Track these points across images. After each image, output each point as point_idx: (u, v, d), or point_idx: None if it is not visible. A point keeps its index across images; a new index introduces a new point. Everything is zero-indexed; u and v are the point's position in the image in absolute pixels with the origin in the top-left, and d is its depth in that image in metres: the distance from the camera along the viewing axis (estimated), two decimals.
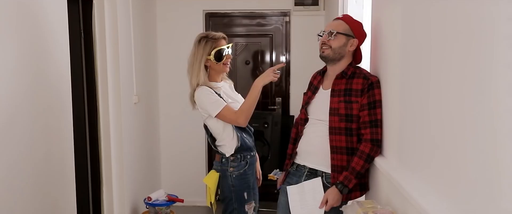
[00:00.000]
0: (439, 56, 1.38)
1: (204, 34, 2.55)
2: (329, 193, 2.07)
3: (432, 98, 1.45)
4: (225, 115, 2.44)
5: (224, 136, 2.51)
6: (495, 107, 1.03)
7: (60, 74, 2.50)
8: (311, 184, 2.17)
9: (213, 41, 2.49)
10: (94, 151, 3.32)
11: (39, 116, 2.27)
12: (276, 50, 4.62)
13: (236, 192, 2.52)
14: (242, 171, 2.53)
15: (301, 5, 4.40)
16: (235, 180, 2.52)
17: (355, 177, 2.06)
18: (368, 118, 2.07)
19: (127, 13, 3.54)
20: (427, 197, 1.43)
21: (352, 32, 2.16)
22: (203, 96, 2.45)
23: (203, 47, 2.48)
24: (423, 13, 1.55)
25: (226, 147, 2.51)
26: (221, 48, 2.49)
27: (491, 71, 1.05)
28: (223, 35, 2.56)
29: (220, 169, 2.54)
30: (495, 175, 1.04)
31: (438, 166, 1.40)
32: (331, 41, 2.15)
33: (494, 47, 1.03)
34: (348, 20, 2.20)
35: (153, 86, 4.39)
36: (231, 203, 2.53)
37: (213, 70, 2.54)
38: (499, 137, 1.01)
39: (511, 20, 0.95)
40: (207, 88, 2.46)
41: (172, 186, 4.54)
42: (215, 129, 2.52)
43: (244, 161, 2.54)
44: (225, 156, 2.51)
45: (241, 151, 2.52)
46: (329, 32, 2.16)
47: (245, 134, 2.56)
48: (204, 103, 2.46)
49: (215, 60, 2.48)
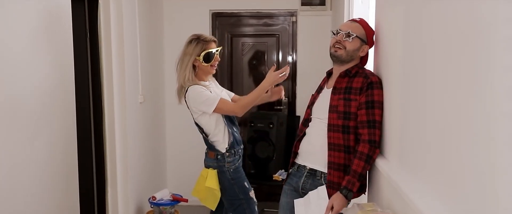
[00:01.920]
0: (438, 58, 1.36)
1: (196, 36, 2.65)
2: (334, 199, 2.02)
3: (430, 100, 1.43)
4: (222, 107, 2.55)
5: (216, 132, 2.61)
6: (493, 110, 1.01)
7: (63, 74, 2.51)
8: (316, 193, 2.14)
9: (204, 43, 2.60)
10: (99, 150, 3.33)
11: (42, 116, 2.28)
12: (282, 50, 4.60)
13: (237, 184, 2.64)
14: (237, 164, 2.67)
15: (308, 5, 4.38)
16: (233, 174, 2.64)
17: (358, 180, 2.03)
18: (365, 117, 2.04)
19: (133, 13, 3.55)
20: (427, 202, 1.41)
21: (366, 38, 2.16)
22: (196, 94, 2.54)
23: (193, 47, 2.59)
24: (423, 15, 1.53)
25: (220, 143, 2.61)
26: (210, 51, 2.60)
27: (489, 74, 1.03)
28: (214, 38, 2.68)
29: (216, 165, 2.64)
30: (490, 180, 1.02)
31: (436, 169, 1.38)
32: (347, 43, 2.13)
33: (492, 50, 1.01)
34: (365, 25, 2.18)
35: (159, 86, 4.40)
36: (236, 196, 2.64)
37: (201, 70, 2.65)
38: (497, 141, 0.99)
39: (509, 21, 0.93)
40: (198, 86, 2.57)
41: (177, 186, 4.54)
42: (208, 126, 2.61)
43: (237, 155, 2.68)
44: (220, 153, 2.60)
45: (235, 146, 2.63)
46: (347, 33, 2.13)
47: (235, 129, 2.69)
48: (197, 102, 2.55)
49: (204, 62, 2.59)
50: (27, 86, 2.14)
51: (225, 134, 2.62)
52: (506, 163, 0.95)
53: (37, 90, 2.23)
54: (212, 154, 2.65)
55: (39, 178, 2.25)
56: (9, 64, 2.00)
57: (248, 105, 2.59)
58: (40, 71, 2.26)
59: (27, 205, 2.15)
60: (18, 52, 2.08)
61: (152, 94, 4.12)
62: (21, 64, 2.10)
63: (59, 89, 2.45)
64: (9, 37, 2.02)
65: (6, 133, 1.99)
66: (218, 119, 2.61)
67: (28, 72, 2.15)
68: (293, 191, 2.29)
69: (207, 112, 2.55)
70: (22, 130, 2.11)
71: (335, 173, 2.10)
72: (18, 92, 2.08)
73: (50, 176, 2.36)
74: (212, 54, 2.62)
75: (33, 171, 2.20)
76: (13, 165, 2.03)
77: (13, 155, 2.03)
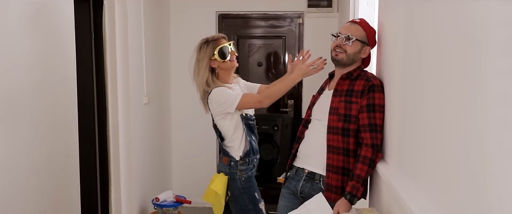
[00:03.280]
0: (433, 63, 1.33)
1: (204, 40, 2.57)
2: (339, 205, 1.99)
3: (427, 105, 1.41)
4: (246, 101, 2.45)
5: (233, 137, 2.51)
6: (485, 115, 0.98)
7: (65, 74, 2.52)
8: (314, 201, 2.08)
9: (214, 42, 2.52)
10: (102, 151, 3.34)
11: (42, 115, 2.28)
12: (289, 51, 4.57)
13: (247, 194, 2.54)
14: (250, 174, 2.56)
15: (314, 7, 4.35)
16: (244, 183, 2.53)
17: (362, 185, 2.00)
18: (367, 121, 2.01)
19: (138, 14, 3.56)
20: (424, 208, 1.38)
21: (367, 39, 2.12)
22: (218, 95, 2.45)
23: (205, 50, 2.52)
24: (423, 17, 1.50)
25: (235, 149, 2.52)
26: (223, 45, 2.51)
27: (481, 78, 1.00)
28: (222, 35, 2.60)
29: (228, 172, 2.54)
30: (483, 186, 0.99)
31: (432, 175, 1.35)
32: (347, 46, 2.11)
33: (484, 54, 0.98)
34: (365, 26, 2.15)
35: (165, 87, 4.40)
36: (246, 206, 2.54)
37: (222, 70, 2.55)
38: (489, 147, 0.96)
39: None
40: (221, 87, 2.48)
41: (183, 187, 4.54)
42: (226, 130, 2.52)
43: (251, 164, 2.56)
44: (234, 159, 2.51)
45: (250, 155, 2.53)
46: (347, 36, 2.10)
47: (253, 137, 2.57)
48: (219, 103, 2.45)
49: (221, 58, 2.50)
50: (25, 85, 2.15)
51: (242, 141, 2.52)
52: (497, 169, 0.93)
53: (36, 89, 2.24)
54: (226, 159, 2.55)
55: (37, 177, 2.26)
56: (9, 64, 2.01)
57: (275, 96, 2.46)
58: (40, 71, 2.27)
59: (24, 204, 2.16)
60: (18, 52, 2.09)
61: (158, 95, 4.13)
62: (20, 64, 2.10)
63: (59, 89, 2.46)
64: (9, 36, 2.02)
65: (5, 133, 1.99)
66: (238, 124, 2.51)
67: (28, 71, 2.16)
68: (291, 194, 2.26)
69: (229, 111, 2.45)
70: (22, 130, 2.12)
71: (333, 176, 2.07)
72: (16, 91, 2.08)
73: (50, 175, 2.36)
74: (227, 48, 2.52)
75: (31, 170, 2.21)
76: (12, 164, 2.04)
77: (12, 154, 2.04)
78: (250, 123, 2.58)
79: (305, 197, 2.19)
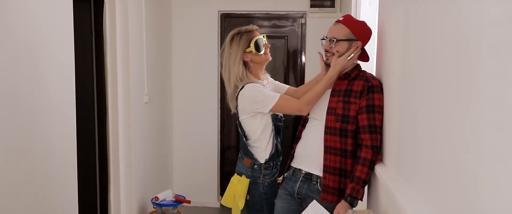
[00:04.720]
0: (432, 65, 1.31)
1: (236, 31, 2.38)
2: (340, 208, 1.96)
3: (423, 107, 1.39)
4: (284, 105, 2.22)
5: (260, 138, 2.32)
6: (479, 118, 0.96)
7: (63, 74, 2.51)
8: (311, 209, 2.04)
9: (248, 34, 2.35)
10: (102, 150, 3.33)
11: (39, 115, 2.28)
12: (291, 52, 4.56)
13: (267, 200, 2.36)
14: (273, 178, 2.38)
15: (317, 7, 4.33)
16: (266, 188, 2.35)
17: (362, 187, 1.98)
18: (367, 122, 1.99)
19: (139, 13, 3.55)
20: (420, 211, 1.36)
21: (354, 35, 2.09)
22: (254, 92, 2.24)
23: (238, 42, 2.33)
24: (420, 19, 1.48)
25: (260, 151, 2.33)
26: (258, 37, 2.35)
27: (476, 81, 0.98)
28: (256, 27, 2.42)
29: (250, 175, 2.35)
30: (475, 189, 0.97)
31: (428, 178, 1.34)
32: (333, 49, 2.10)
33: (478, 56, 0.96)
34: (348, 22, 2.11)
35: (166, 87, 4.40)
36: (262, 211, 2.37)
37: (256, 64, 2.37)
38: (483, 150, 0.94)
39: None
40: (257, 84, 2.28)
41: (184, 187, 4.54)
42: (253, 130, 2.32)
43: (275, 168, 2.39)
44: (258, 163, 2.33)
45: (275, 158, 2.36)
46: (330, 39, 2.10)
47: (279, 139, 2.41)
48: (253, 101, 2.24)
49: (256, 51, 2.32)
50: (22, 85, 2.14)
51: (269, 142, 2.32)
52: (489, 172, 0.91)
53: (33, 89, 2.23)
54: (248, 161, 2.34)
55: (33, 176, 2.25)
56: (8, 63, 2.00)
57: (314, 101, 2.18)
58: (39, 70, 2.26)
59: (19, 203, 2.15)
60: (16, 51, 2.08)
61: (159, 94, 4.12)
62: (17, 64, 2.10)
63: (57, 89, 2.45)
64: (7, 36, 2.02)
65: (5, 132, 1.99)
66: (267, 124, 2.31)
67: (27, 71, 2.16)
68: (288, 195, 2.24)
69: (263, 111, 2.24)
70: (16, 128, 2.11)
71: (330, 177, 2.06)
72: (13, 91, 2.08)
73: (46, 174, 2.36)
74: (261, 41, 2.35)
75: (27, 169, 2.20)
76: (9, 163, 2.04)
77: (11, 154, 2.04)
78: (279, 125, 2.41)
79: (302, 198, 2.17)
